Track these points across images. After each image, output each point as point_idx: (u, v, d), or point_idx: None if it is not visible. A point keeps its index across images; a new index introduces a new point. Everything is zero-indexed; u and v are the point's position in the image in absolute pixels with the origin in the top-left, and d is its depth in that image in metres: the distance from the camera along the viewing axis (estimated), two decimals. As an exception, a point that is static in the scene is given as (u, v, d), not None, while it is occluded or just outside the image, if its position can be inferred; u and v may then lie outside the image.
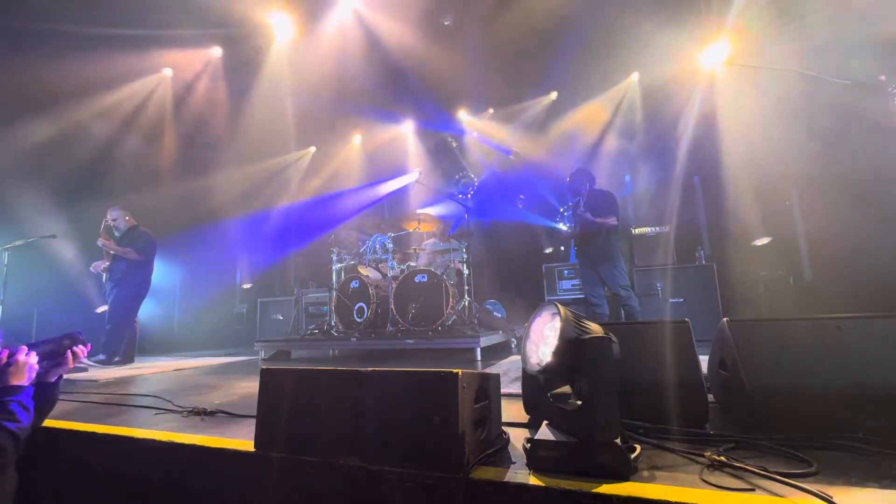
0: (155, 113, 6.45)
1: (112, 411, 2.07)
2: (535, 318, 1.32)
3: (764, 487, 0.94)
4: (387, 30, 5.77)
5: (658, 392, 1.43)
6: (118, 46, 5.36)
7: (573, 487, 0.99)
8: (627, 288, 4.18)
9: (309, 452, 1.25)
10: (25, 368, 1.43)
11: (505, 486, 1.04)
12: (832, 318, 1.41)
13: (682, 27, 5.19)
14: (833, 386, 1.31)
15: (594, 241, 4.25)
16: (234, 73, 6.32)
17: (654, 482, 1.00)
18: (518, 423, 1.54)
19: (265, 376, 1.40)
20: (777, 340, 1.43)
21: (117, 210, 4.80)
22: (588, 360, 1.10)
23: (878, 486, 0.95)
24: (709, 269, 5.04)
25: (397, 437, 1.18)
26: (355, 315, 4.65)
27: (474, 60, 6.15)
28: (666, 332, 1.55)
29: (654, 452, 1.19)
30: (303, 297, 6.83)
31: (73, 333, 1.60)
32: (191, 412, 1.88)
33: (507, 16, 5.38)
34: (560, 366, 1.14)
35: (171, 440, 1.51)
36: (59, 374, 1.58)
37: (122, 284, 4.60)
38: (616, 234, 4.26)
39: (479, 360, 3.56)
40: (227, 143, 7.04)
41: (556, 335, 1.16)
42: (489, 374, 1.34)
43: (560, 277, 5.93)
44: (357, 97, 6.84)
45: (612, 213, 4.18)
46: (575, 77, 6.43)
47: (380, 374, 1.27)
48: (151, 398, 2.26)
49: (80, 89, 5.62)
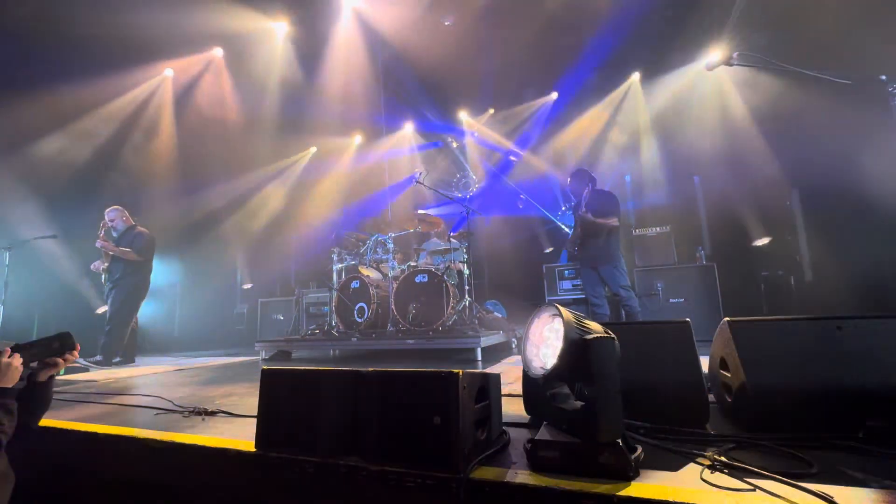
0: (157, 113, 6.46)
1: (113, 411, 2.07)
2: (533, 321, 1.32)
3: (764, 488, 0.94)
4: (387, 30, 5.78)
5: (659, 392, 1.43)
6: (121, 52, 5.40)
7: (574, 488, 0.99)
8: (628, 288, 4.18)
9: (309, 452, 1.25)
10: (9, 371, 1.41)
11: (505, 487, 1.04)
12: (833, 319, 1.41)
13: (683, 26, 5.20)
14: (833, 386, 1.31)
15: (595, 241, 4.26)
16: (236, 72, 6.32)
17: (655, 482, 1.00)
18: (519, 423, 1.54)
19: (266, 376, 1.40)
20: (778, 340, 1.43)
21: (115, 210, 4.78)
22: (592, 360, 1.10)
23: (878, 487, 0.95)
24: (709, 269, 5.03)
25: (398, 437, 1.18)
26: (356, 315, 4.65)
27: (476, 60, 6.15)
28: (667, 332, 1.55)
29: (655, 452, 1.19)
30: (303, 298, 6.83)
31: (63, 334, 1.58)
32: (191, 412, 1.88)
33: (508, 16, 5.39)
34: (565, 368, 1.14)
35: (171, 440, 1.51)
36: (51, 374, 1.56)
37: (121, 285, 4.59)
38: (617, 234, 4.27)
39: (479, 360, 3.56)
40: (229, 142, 7.04)
41: (558, 337, 1.16)
42: (490, 374, 1.34)
43: (560, 277, 5.93)
44: (358, 97, 6.85)
45: (612, 214, 4.18)
46: (575, 77, 6.43)
47: (380, 375, 1.27)
48: (152, 398, 2.27)
49: (90, 95, 5.66)
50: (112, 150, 6.28)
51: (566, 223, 6.64)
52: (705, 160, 6.02)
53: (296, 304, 6.86)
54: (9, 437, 1.35)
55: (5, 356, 1.42)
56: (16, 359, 1.44)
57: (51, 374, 1.56)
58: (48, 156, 5.69)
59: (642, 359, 1.46)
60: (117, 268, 4.62)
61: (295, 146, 8.19)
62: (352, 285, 4.78)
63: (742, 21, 4.98)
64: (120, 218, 4.77)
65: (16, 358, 1.44)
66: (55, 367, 1.55)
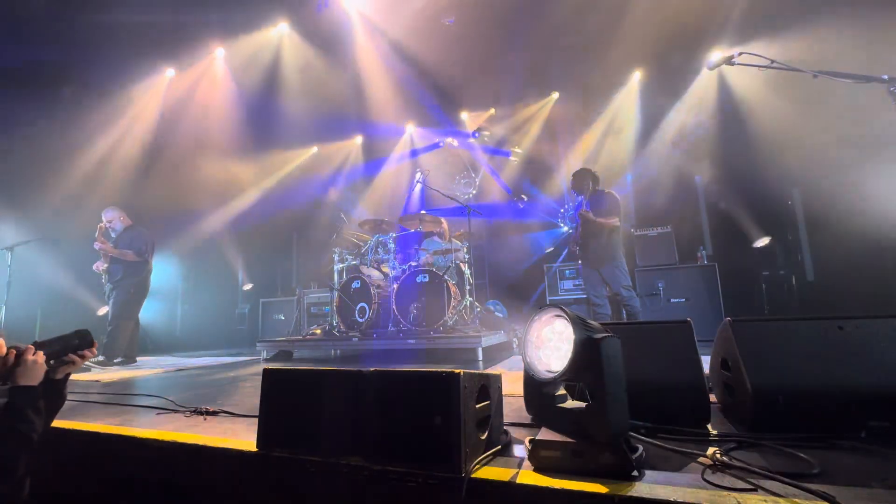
0: (156, 113, 6.47)
1: (115, 411, 2.07)
2: (532, 323, 1.32)
3: (766, 488, 0.94)
4: (389, 31, 5.78)
5: (660, 392, 1.43)
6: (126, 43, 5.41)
7: (575, 487, 0.99)
8: (629, 288, 4.18)
9: (311, 452, 1.25)
10: (34, 368, 1.38)
11: (507, 486, 1.04)
12: (834, 318, 1.41)
13: (685, 26, 5.19)
14: (835, 386, 1.31)
15: (596, 241, 4.26)
16: (242, 72, 6.33)
17: (657, 482, 1.00)
18: (520, 423, 1.54)
19: (267, 376, 1.40)
20: (779, 340, 1.43)
21: (112, 211, 4.76)
22: (603, 360, 1.10)
23: (880, 487, 0.95)
24: (711, 268, 5.03)
25: (399, 437, 1.18)
26: (357, 315, 4.65)
27: (476, 61, 6.15)
28: (668, 332, 1.55)
29: (656, 452, 1.19)
30: (304, 298, 6.84)
31: (81, 331, 1.55)
32: (193, 412, 1.88)
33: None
34: (574, 369, 1.14)
35: (173, 440, 1.51)
36: (67, 372, 1.53)
37: (122, 285, 4.59)
38: (618, 234, 4.27)
39: (480, 360, 3.56)
40: (231, 143, 7.05)
41: (561, 338, 1.16)
42: (491, 374, 1.34)
43: (561, 277, 5.93)
44: (359, 98, 6.85)
45: (613, 214, 4.18)
46: (576, 77, 6.42)
47: (381, 375, 1.27)
48: (154, 398, 2.27)
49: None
50: (115, 149, 6.29)
51: (567, 223, 6.63)
52: (707, 160, 6.01)
53: (297, 305, 6.87)
54: (39, 435, 1.32)
55: (30, 353, 1.39)
56: (40, 356, 1.41)
57: (68, 371, 1.52)
58: (54, 155, 5.71)
59: (643, 359, 1.46)
60: (117, 268, 4.61)
61: (295, 147, 8.19)
62: (353, 285, 4.78)
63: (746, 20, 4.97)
64: (118, 218, 4.75)
65: (40, 355, 1.41)
66: (73, 364, 1.51)
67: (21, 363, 1.36)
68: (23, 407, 1.32)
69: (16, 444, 1.27)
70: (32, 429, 1.31)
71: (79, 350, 1.52)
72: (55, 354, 1.47)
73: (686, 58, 5.71)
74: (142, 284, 4.74)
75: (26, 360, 1.36)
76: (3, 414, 1.31)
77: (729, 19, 5.07)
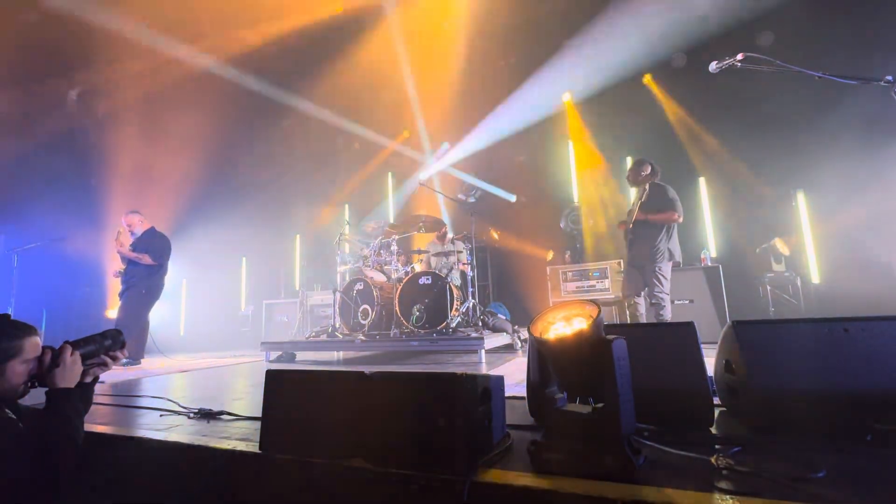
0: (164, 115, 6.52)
1: (119, 412, 2.08)
2: (537, 322, 1.31)
3: (771, 491, 0.93)
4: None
5: (664, 394, 1.42)
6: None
7: (578, 490, 0.98)
8: (664, 294, 4.02)
9: (314, 454, 1.25)
10: (73, 368, 1.29)
11: (510, 489, 1.04)
12: (840, 320, 1.40)
13: (688, 26, 5.19)
14: (840, 389, 1.29)
15: (644, 242, 4.08)
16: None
17: (660, 485, 0.99)
18: (523, 424, 1.53)
19: (270, 378, 1.40)
20: (784, 343, 1.42)
21: (133, 214, 4.86)
22: (615, 361, 1.10)
23: (887, 491, 0.94)
24: (715, 270, 5.00)
25: (402, 439, 1.18)
26: (360, 317, 4.66)
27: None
28: (672, 333, 1.54)
29: (660, 455, 1.18)
30: (308, 300, 6.86)
31: (113, 331, 1.48)
32: (197, 413, 1.89)
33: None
34: (583, 369, 1.13)
35: (177, 441, 1.51)
36: (96, 375, 1.44)
37: (134, 287, 4.65)
38: (673, 232, 4.08)
39: (483, 362, 3.56)
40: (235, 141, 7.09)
41: (573, 329, 1.15)
42: (493, 376, 1.34)
43: (565, 279, 5.91)
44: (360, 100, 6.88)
45: (669, 208, 4.00)
46: (580, 77, 6.42)
47: (384, 377, 1.27)
48: (158, 399, 2.28)
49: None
50: (123, 151, 6.33)
51: (569, 224, 6.60)
52: (710, 160, 5.99)
53: (300, 306, 6.89)
54: (82, 438, 1.26)
55: (68, 353, 1.29)
56: (77, 356, 1.33)
57: (98, 374, 1.44)
58: (59, 156, 5.75)
59: (647, 361, 1.45)
60: (133, 270, 4.68)
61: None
62: (356, 287, 4.79)
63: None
64: (138, 222, 4.84)
65: (76, 356, 1.33)
66: (104, 366, 1.44)
67: (60, 364, 1.27)
68: (66, 410, 1.22)
69: (66, 453, 1.17)
70: (78, 434, 1.22)
71: (111, 351, 1.45)
72: (91, 355, 1.40)
73: (690, 59, 5.70)
74: (155, 287, 4.80)
75: (65, 361, 1.28)
76: (46, 420, 1.19)
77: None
